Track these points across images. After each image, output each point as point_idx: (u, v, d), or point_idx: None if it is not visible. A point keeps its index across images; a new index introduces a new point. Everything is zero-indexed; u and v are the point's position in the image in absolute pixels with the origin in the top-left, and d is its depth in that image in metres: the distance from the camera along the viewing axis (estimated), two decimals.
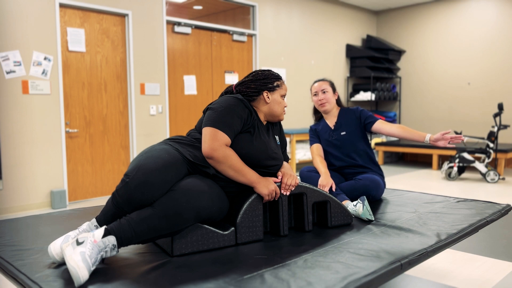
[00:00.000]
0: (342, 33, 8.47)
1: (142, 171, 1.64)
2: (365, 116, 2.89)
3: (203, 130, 1.84)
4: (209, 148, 1.78)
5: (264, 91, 2.05)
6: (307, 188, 2.00)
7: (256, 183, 1.83)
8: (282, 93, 2.11)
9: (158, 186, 1.64)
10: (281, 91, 2.10)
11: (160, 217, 1.59)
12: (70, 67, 5.02)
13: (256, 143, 1.92)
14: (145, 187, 1.62)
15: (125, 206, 1.65)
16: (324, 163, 2.76)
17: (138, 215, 1.60)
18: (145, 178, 1.63)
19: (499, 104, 6.19)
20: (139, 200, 1.62)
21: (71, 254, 1.43)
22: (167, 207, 1.61)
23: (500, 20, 7.68)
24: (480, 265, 2.93)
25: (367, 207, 2.21)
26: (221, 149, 1.78)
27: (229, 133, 1.84)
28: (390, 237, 1.91)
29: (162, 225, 1.60)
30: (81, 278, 1.39)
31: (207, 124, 1.84)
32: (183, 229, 1.66)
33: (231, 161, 1.80)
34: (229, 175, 1.81)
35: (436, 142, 2.50)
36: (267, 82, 2.07)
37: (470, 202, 2.63)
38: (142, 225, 1.58)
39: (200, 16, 6.37)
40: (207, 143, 1.79)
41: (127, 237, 1.57)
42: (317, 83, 2.93)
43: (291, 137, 6.93)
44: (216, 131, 1.81)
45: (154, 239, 1.63)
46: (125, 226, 1.58)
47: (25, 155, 4.68)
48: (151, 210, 1.61)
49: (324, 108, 2.92)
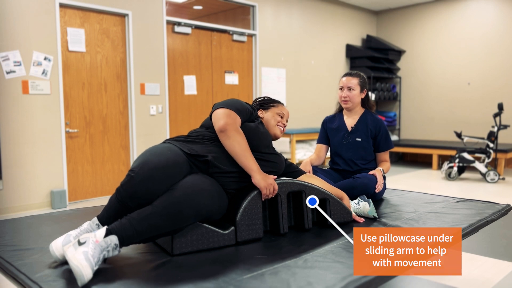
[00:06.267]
0: (342, 33, 8.47)
1: (147, 167, 1.68)
2: (381, 137, 2.79)
3: (218, 111, 1.91)
4: (224, 122, 1.84)
5: (259, 109, 2.27)
6: (306, 186, 2.00)
7: (256, 172, 1.84)
8: (277, 112, 2.25)
9: (162, 182, 1.67)
10: (275, 110, 2.25)
11: (161, 215, 1.60)
12: (70, 67, 5.02)
13: (261, 127, 2.05)
14: (149, 182, 1.66)
15: (129, 201, 1.67)
16: (309, 167, 2.68)
17: (139, 214, 1.61)
18: (150, 173, 1.66)
19: (499, 104, 6.19)
20: (143, 194, 1.65)
21: (74, 253, 1.43)
22: (168, 205, 1.62)
23: (500, 20, 7.68)
24: (480, 265, 2.93)
25: (372, 204, 2.24)
26: (235, 124, 1.86)
27: (240, 116, 1.94)
28: None
29: (163, 223, 1.61)
30: (85, 277, 1.39)
31: (219, 106, 1.93)
32: (183, 227, 1.66)
33: (240, 138, 1.85)
34: (235, 151, 1.84)
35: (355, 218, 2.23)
36: (263, 103, 2.30)
37: (470, 202, 2.63)
38: (144, 224, 1.59)
39: (200, 16, 6.37)
40: (222, 118, 1.86)
41: (128, 236, 1.58)
42: (345, 78, 2.77)
43: (291, 137, 6.93)
44: (229, 111, 1.90)
45: (156, 237, 1.64)
46: (126, 225, 1.58)
47: (25, 155, 4.68)
48: (152, 209, 1.62)
49: (346, 106, 2.80)
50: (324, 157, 2.93)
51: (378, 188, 2.57)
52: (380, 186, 2.59)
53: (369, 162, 2.81)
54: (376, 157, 2.85)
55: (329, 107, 8.30)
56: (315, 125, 8.03)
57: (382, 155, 2.83)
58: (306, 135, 7.16)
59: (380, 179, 2.60)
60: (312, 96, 7.95)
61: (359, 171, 2.79)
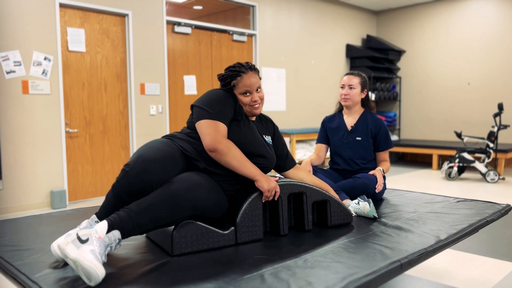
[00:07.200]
0: (342, 33, 8.47)
1: (142, 160, 1.67)
2: (381, 137, 2.80)
3: (201, 123, 1.81)
4: (213, 140, 1.76)
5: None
6: (306, 188, 2.00)
7: (259, 176, 1.82)
8: (240, 91, 1.95)
9: (158, 175, 1.67)
10: (238, 89, 1.95)
11: (160, 207, 1.61)
12: (70, 67, 5.02)
13: (244, 128, 1.91)
14: (144, 175, 1.65)
15: (126, 195, 1.67)
16: (310, 167, 2.68)
17: (137, 206, 1.61)
18: (145, 166, 1.66)
19: (499, 104, 6.19)
20: (139, 188, 1.65)
21: (80, 253, 1.39)
22: (166, 197, 1.62)
23: (500, 20, 7.68)
24: (480, 265, 2.93)
25: (372, 204, 2.24)
26: (224, 141, 1.78)
27: (226, 122, 1.84)
28: (390, 237, 1.91)
29: (162, 215, 1.61)
30: (100, 277, 1.38)
31: (203, 116, 1.82)
32: (180, 221, 1.67)
33: (235, 152, 1.79)
34: (233, 166, 1.79)
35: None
36: (224, 84, 1.99)
37: (470, 202, 2.63)
38: (143, 216, 1.59)
39: (200, 16, 6.37)
40: (210, 136, 1.77)
41: (129, 230, 1.58)
42: (347, 76, 2.80)
43: (291, 137, 6.93)
44: (215, 123, 1.80)
45: (154, 229, 1.65)
46: (125, 218, 1.58)
47: (25, 155, 4.68)
48: (150, 200, 1.62)
49: (346, 104, 2.82)
50: (324, 157, 2.94)
51: (378, 188, 2.57)
52: (380, 186, 2.59)
53: (369, 162, 2.82)
54: (376, 156, 2.86)
55: (329, 107, 8.30)
56: (315, 125, 8.03)
57: (382, 155, 2.84)
58: (306, 135, 7.16)
59: (380, 179, 2.60)
60: (312, 96, 7.95)
61: (359, 170, 2.79)
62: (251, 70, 1.97)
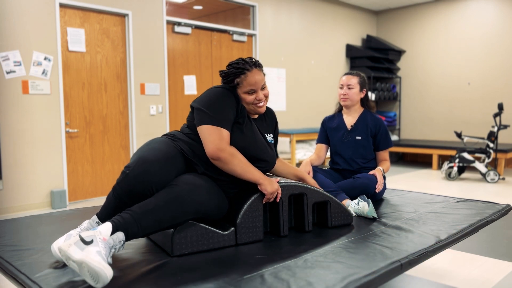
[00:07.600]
0: (342, 33, 8.47)
1: (142, 161, 1.65)
2: (381, 136, 2.81)
3: (203, 129, 1.77)
4: (216, 149, 1.72)
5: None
6: (307, 189, 2.00)
7: (262, 179, 1.81)
8: (244, 90, 1.88)
9: (158, 176, 1.65)
10: (242, 88, 1.88)
11: (163, 209, 1.60)
12: (70, 67, 5.02)
13: (247, 133, 1.87)
14: (145, 176, 1.63)
15: (126, 197, 1.66)
16: (310, 168, 2.67)
17: (141, 208, 1.59)
18: (145, 167, 1.64)
19: (499, 104, 6.19)
20: (139, 190, 1.64)
21: (88, 255, 1.37)
22: (170, 200, 1.61)
23: (500, 20, 7.68)
24: (480, 265, 2.93)
25: (372, 205, 2.24)
26: (227, 149, 1.74)
27: (228, 127, 1.80)
28: (390, 237, 1.91)
29: (166, 218, 1.60)
30: (109, 278, 1.36)
31: (205, 121, 1.77)
32: (183, 222, 1.66)
33: (238, 159, 1.76)
34: (236, 173, 1.77)
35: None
36: (226, 82, 1.92)
37: (470, 202, 2.63)
38: (148, 219, 1.58)
39: (200, 16, 6.37)
40: (213, 144, 1.73)
41: (133, 231, 1.57)
42: (345, 76, 2.81)
43: (291, 137, 6.92)
44: (218, 130, 1.76)
45: (157, 231, 1.64)
46: (129, 220, 1.56)
47: (25, 155, 4.68)
48: (154, 203, 1.60)
49: (345, 104, 2.83)
50: (324, 157, 2.94)
51: (378, 188, 2.58)
52: (380, 186, 2.59)
53: (369, 161, 2.82)
54: (376, 156, 2.86)
55: (329, 107, 8.30)
56: (315, 125, 8.03)
57: (382, 154, 2.84)
58: (306, 135, 7.16)
59: (380, 179, 2.60)
60: (312, 96, 7.95)
61: (359, 169, 2.79)
62: (256, 67, 1.90)
